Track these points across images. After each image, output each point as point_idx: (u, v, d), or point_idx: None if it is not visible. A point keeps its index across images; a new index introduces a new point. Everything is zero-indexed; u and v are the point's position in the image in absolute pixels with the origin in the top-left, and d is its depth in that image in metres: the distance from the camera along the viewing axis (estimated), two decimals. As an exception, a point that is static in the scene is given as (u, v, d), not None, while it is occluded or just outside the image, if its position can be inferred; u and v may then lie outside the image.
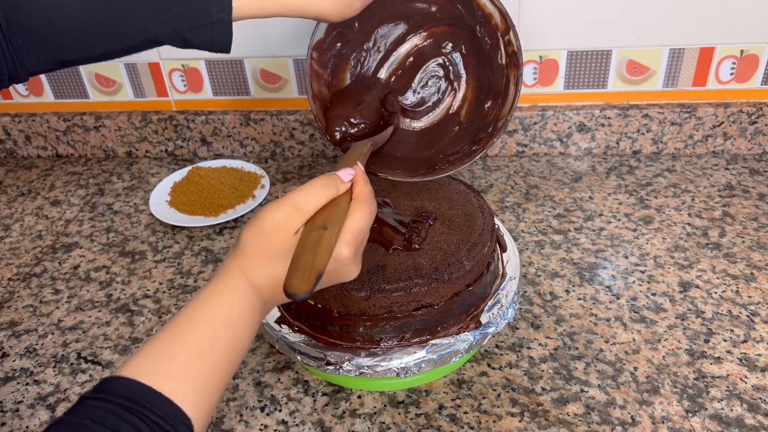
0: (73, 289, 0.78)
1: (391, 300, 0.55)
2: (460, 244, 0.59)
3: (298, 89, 0.99)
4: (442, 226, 0.62)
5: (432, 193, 0.67)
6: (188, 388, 0.37)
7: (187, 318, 0.40)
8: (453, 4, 0.63)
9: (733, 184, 0.88)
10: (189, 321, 0.40)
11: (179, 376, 0.37)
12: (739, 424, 0.55)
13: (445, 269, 0.56)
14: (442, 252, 0.58)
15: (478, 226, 0.62)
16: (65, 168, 1.07)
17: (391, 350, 0.56)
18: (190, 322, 0.40)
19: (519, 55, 0.59)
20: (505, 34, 0.60)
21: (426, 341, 0.56)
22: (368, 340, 0.56)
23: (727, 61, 0.90)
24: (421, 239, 0.59)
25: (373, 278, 0.55)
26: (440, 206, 0.64)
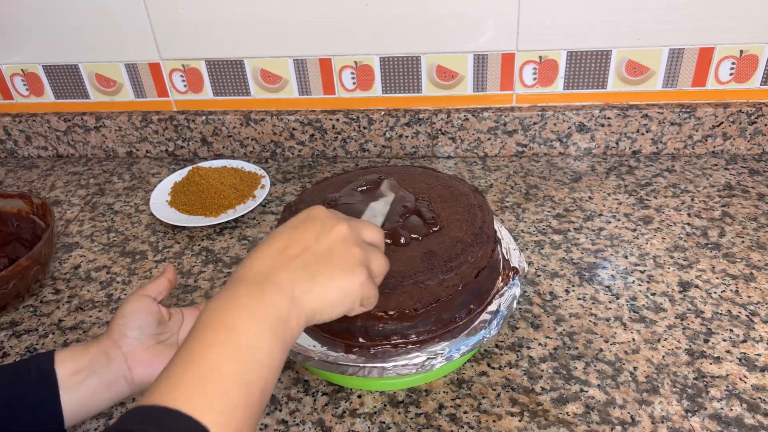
0: (74, 289, 0.78)
1: (390, 300, 0.55)
2: (457, 244, 0.59)
3: (299, 89, 0.99)
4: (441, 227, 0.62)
5: (430, 192, 0.67)
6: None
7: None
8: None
9: (733, 184, 0.88)
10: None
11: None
12: (739, 424, 0.55)
13: (440, 269, 0.57)
14: (435, 253, 0.58)
15: (475, 226, 0.62)
16: (66, 168, 1.07)
17: (390, 350, 0.56)
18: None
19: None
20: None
21: (428, 341, 0.56)
22: (368, 339, 0.56)
23: (727, 61, 0.90)
24: (406, 237, 0.60)
25: None
26: (439, 207, 0.65)
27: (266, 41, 0.95)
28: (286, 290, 0.42)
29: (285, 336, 0.41)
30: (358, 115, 0.98)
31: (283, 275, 0.43)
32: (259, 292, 0.41)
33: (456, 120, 0.97)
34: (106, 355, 0.52)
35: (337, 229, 0.46)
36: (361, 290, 0.45)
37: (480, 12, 0.89)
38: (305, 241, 0.45)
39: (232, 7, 0.93)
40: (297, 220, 0.47)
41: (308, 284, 0.43)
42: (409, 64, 0.95)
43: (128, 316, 0.54)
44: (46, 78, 1.04)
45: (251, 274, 0.43)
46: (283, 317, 0.41)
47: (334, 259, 0.45)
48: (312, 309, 0.43)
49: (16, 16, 0.98)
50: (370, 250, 0.48)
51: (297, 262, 0.44)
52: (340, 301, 0.45)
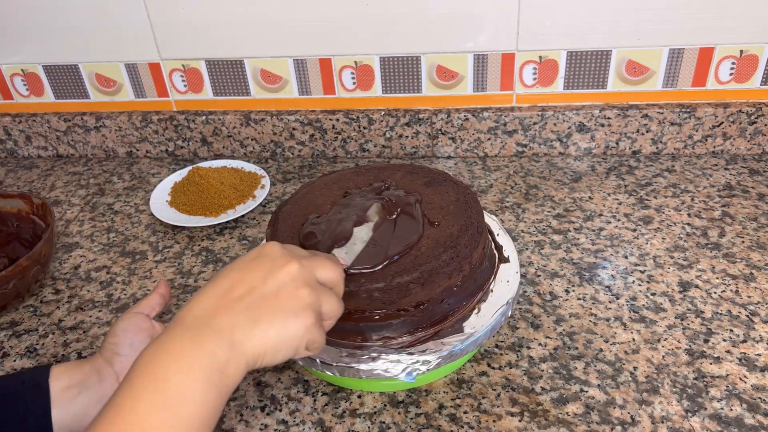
0: (74, 289, 0.78)
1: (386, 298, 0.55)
2: (442, 246, 0.59)
3: (299, 89, 0.99)
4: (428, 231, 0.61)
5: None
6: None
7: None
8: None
9: (733, 184, 0.88)
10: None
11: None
12: (739, 424, 0.55)
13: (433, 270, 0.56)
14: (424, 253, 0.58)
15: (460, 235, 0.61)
16: (66, 168, 1.07)
17: (390, 351, 0.56)
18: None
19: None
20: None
21: (425, 340, 0.56)
22: (365, 339, 0.56)
23: (727, 61, 0.90)
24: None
25: (363, 279, 0.55)
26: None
27: (266, 41, 0.95)
28: (226, 336, 0.40)
29: (221, 384, 0.39)
30: (358, 115, 0.98)
31: (223, 320, 0.41)
32: (195, 338, 0.40)
33: (456, 120, 0.97)
34: (98, 373, 0.52)
35: (287, 269, 0.44)
36: (307, 334, 0.43)
37: (480, 12, 0.89)
38: (252, 281, 0.43)
39: (232, 7, 0.93)
40: (248, 258, 0.46)
41: (249, 329, 0.41)
42: (409, 64, 0.95)
43: (119, 334, 0.54)
44: (46, 78, 1.04)
45: (191, 317, 0.42)
46: (220, 365, 0.39)
47: (280, 302, 0.43)
48: (254, 354, 0.41)
49: (16, 16, 0.98)
50: (323, 292, 0.46)
51: (240, 305, 0.42)
52: (283, 347, 0.42)
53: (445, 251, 0.57)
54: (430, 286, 0.56)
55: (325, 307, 0.46)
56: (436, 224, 0.61)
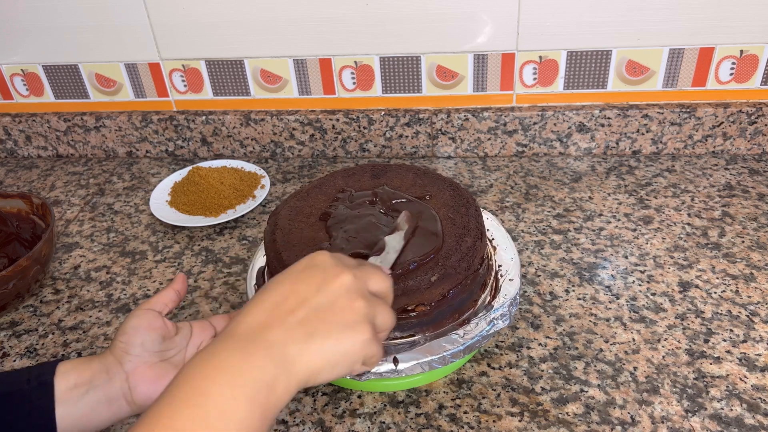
0: (74, 289, 0.78)
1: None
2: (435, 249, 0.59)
3: (298, 89, 0.99)
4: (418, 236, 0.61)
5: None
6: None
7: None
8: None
9: (733, 184, 0.88)
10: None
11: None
12: (739, 424, 0.55)
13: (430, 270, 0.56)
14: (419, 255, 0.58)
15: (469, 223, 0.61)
16: (66, 168, 1.07)
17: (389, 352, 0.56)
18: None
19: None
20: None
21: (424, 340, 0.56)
22: None
23: (727, 62, 0.90)
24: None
25: None
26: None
27: (266, 41, 0.95)
28: (277, 351, 0.38)
29: (267, 403, 0.37)
30: (358, 115, 0.98)
31: (276, 333, 0.39)
32: (245, 352, 0.38)
33: (456, 120, 0.97)
34: (107, 372, 0.51)
35: (341, 280, 0.42)
36: (364, 349, 0.41)
37: (480, 12, 0.89)
38: (304, 293, 0.42)
39: (232, 7, 0.93)
40: (298, 268, 0.44)
41: (304, 344, 0.39)
42: (409, 64, 0.95)
43: (130, 332, 0.52)
44: (46, 78, 1.04)
45: (242, 329, 0.40)
46: (268, 382, 0.37)
47: (335, 315, 0.41)
48: (307, 371, 0.39)
49: (16, 16, 0.98)
50: (376, 303, 0.44)
51: (293, 318, 0.40)
52: (340, 362, 0.40)
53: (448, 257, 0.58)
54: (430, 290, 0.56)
55: (378, 319, 0.44)
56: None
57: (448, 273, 0.56)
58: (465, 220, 0.61)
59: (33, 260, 0.72)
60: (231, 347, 0.38)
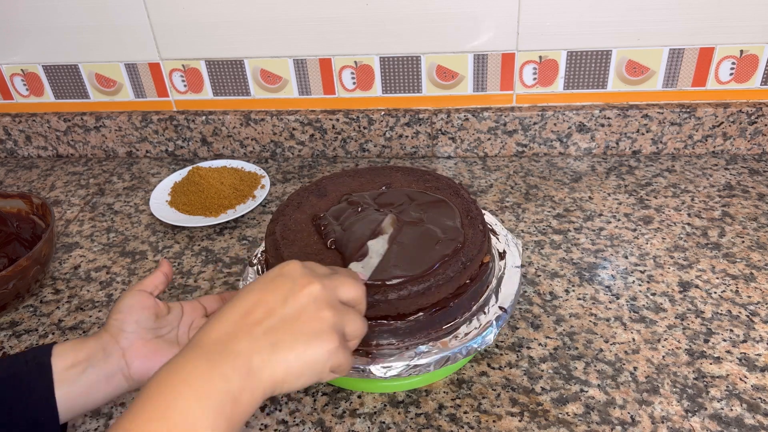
0: (74, 289, 0.78)
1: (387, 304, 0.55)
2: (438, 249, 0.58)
3: (298, 89, 0.99)
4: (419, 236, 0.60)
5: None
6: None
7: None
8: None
9: (733, 184, 0.88)
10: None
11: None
12: (739, 424, 0.55)
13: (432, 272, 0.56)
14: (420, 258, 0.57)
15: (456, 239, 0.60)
16: (65, 168, 1.07)
17: (388, 352, 0.56)
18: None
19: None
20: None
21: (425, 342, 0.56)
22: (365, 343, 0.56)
23: (727, 62, 0.90)
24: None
25: None
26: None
27: (266, 41, 0.95)
28: (243, 362, 0.39)
29: (233, 414, 0.38)
30: (358, 115, 0.98)
31: (241, 344, 0.40)
32: (210, 363, 0.38)
33: (456, 120, 0.97)
34: (103, 350, 0.52)
35: (308, 290, 0.43)
36: (331, 359, 0.42)
37: (480, 12, 0.89)
38: (272, 303, 0.42)
39: (232, 7, 0.93)
40: (268, 278, 0.44)
41: (268, 354, 0.40)
42: (409, 64, 0.95)
43: (125, 311, 0.54)
44: (46, 78, 1.04)
45: (208, 340, 0.40)
46: (233, 393, 0.38)
47: (302, 325, 0.41)
48: (272, 381, 0.40)
49: (16, 16, 0.98)
50: (345, 312, 0.44)
51: (260, 329, 0.40)
52: (305, 372, 0.41)
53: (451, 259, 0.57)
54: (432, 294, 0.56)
55: (348, 328, 0.44)
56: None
57: (466, 266, 0.57)
58: (467, 206, 0.62)
59: (33, 260, 0.72)
60: (197, 358, 0.39)
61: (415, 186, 0.68)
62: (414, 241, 0.58)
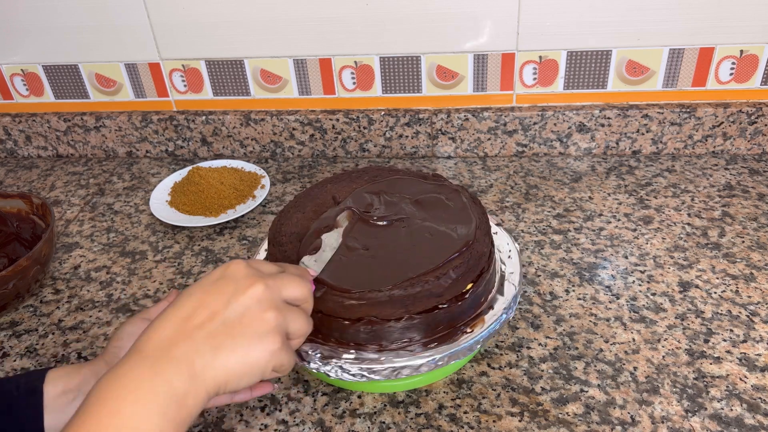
0: (74, 289, 0.78)
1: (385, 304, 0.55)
2: (445, 252, 0.58)
3: (298, 89, 0.99)
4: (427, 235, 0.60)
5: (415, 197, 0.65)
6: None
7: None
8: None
9: (733, 184, 0.88)
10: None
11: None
12: (739, 424, 0.55)
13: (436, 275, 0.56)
14: (428, 259, 0.57)
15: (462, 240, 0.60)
16: (65, 168, 1.07)
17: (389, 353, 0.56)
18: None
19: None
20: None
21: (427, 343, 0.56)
22: (367, 343, 0.56)
23: (727, 62, 0.90)
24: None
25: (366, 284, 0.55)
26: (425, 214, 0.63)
27: (266, 41, 0.95)
28: (185, 365, 0.39)
29: (179, 416, 0.38)
30: (358, 115, 0.98)
31: (183, 348, 0.39)
32: (153, 368, 0.38)
33: (456, 120, 0.97)
34: (96, 377, 0.51)
35: (251, 291, 0.42)
36: (272, 359, 0.42)
37: (480, 12, 0.89)
38: (213, 306, 0.42)
39: (232, 7, 0.93)
40: (211, 279, 0.44)
41: (210, 357, 0.40)
42: (409, 64, 0.95)
43: (125, 338, 0.54)
44: (46, 78, 1.04)
45: (149, 346, 0.40)
46: (178, 396, 0.38)
47: (244, 327, 0.41)
48: (215, 384, 0.40)
49: (16, 16, 0.98)
50: (289, 312, 0.44)
51: (201, 333, 0.40)
52: (247, 373, 0.41)
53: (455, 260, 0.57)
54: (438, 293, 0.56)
55: (292, 327, 0.44)
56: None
57: (471, 265, 0.57)
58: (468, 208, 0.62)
59: (33, 260, 0.72)
60: (139, 365, 0.39)
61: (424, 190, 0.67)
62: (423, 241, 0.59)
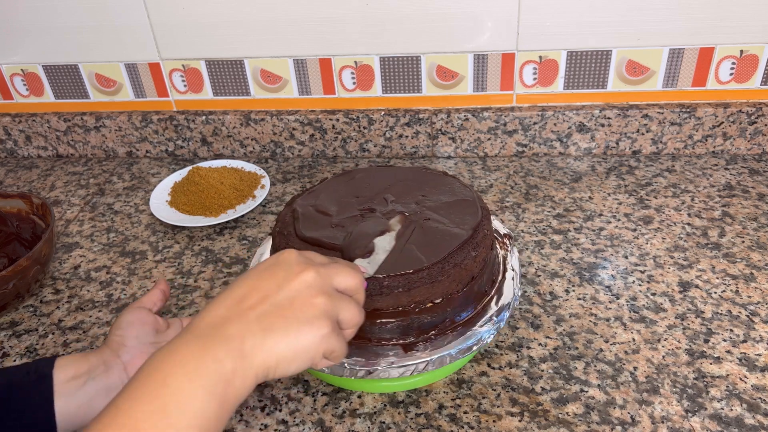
0: (74, 289, 0.78)
1: (390, 299, 0.55)
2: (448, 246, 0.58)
3: (298, 89, 0.99)
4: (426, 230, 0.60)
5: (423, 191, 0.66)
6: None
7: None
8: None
9: (733, 184, 0.88)
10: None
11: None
12: (739, 424, 0.55)
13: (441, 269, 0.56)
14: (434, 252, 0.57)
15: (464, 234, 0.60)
16: (65, 168, 1.07)
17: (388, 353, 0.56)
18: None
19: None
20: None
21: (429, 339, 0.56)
22: (367, 340, 0.56)
23: (727, 61, 0.90)
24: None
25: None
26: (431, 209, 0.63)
27: (266, 41, 0.95)
28: (235, 344, 0.39)
29: (225, 395, 0.38)
30: (358, 115, 0.98)
31: (234, 327, 0.40)
32: (204, 345, 0.39)
33: (456, 120, 0.97)
34: (104, 364, 0.53)
35: (302, 276, 0.43)
36: (323, 344, 0.42)
37: (480, 12, 0.89)
38: (266, 290, 0.43)
39: (232, 7, 0.93)
40: (264, 265, 0.45)
41: (260, 338, 0.40)
42: (409, 64, 0.95)
43: (125, 327, 0.55)
44: (46, 78, 1.04)
45: (203, 324, 0.41)
46: (226, 375, 0.38)
47: (294, 311, 0.42)
48: (264, 365, 0.40)
49: (16, 16, 0.98)
50: (340, 300, 0.44)
51: (253, 314, 0.41)
52: (297, 357, 0.41)
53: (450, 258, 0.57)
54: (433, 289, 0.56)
55: (343, 315, 0.44)
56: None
57: (478, 248, 0.58)
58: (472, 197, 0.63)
59: (33, 260, 0.72)
60: (190, 342, 0.40)
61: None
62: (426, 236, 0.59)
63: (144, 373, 0.38)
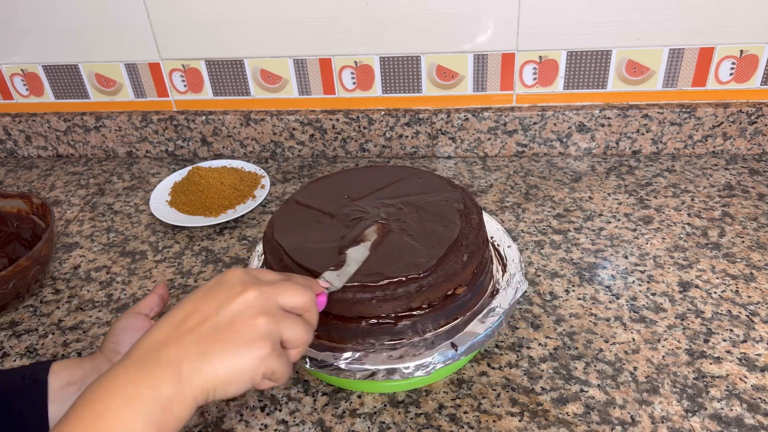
0: (74, 289, 0.78)
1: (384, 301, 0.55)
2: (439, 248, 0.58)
3: (298, 89, 0.99)
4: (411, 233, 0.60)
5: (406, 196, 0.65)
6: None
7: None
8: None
9: (733, 184, 0.88)
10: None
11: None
12: (739, 424, 0.55)
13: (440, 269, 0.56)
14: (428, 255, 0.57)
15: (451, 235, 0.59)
16: (65, 168, 1.07)
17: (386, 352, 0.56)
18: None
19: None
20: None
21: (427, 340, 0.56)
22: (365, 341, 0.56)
23: (727, 61, 0.90)
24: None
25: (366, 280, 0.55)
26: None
27: (266, 41, 0.95)
28: (172, 369, 0.39)
29: (164, 421, 0.37)
30: (358, 115, 0.98)
31: (172, 352, 0.39)
32: (140, 372, 0.38)
33: (456, 120, 0.97)
34: (98, 370, 0.53)
35: (243, 296, 0.42)
36: (262, 366, 0.41)
37: (480, 12, 0.89)
38: (206, 311, 0.42)
39: (232, 7, 0.93)
40: (207, 286, 0.44)
41: (198, 362, 0.39)
42: (409, 64, 0.95)
43: (119, 333, 0.55)
44: (46, 78, 1.04)
45: (142, 349, 0.40)
46: (163, 401, 0.38)
47: (233, 333, 0.41)
48: (203, 389, 0.39)
49: (16, 16, 0.98)
50: (284, 319, 0.43)
51: (191, 337, 0.40)
52: (235, 379, 0.40)
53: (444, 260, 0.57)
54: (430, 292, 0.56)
55: (287, 335, 0.43)
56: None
57: (473, 250, 0.58)
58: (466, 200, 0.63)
59: (33, 260, 0.72)
60: (128, 368, 0.39)
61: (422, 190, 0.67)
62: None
63: (81, 402, 0.38)
